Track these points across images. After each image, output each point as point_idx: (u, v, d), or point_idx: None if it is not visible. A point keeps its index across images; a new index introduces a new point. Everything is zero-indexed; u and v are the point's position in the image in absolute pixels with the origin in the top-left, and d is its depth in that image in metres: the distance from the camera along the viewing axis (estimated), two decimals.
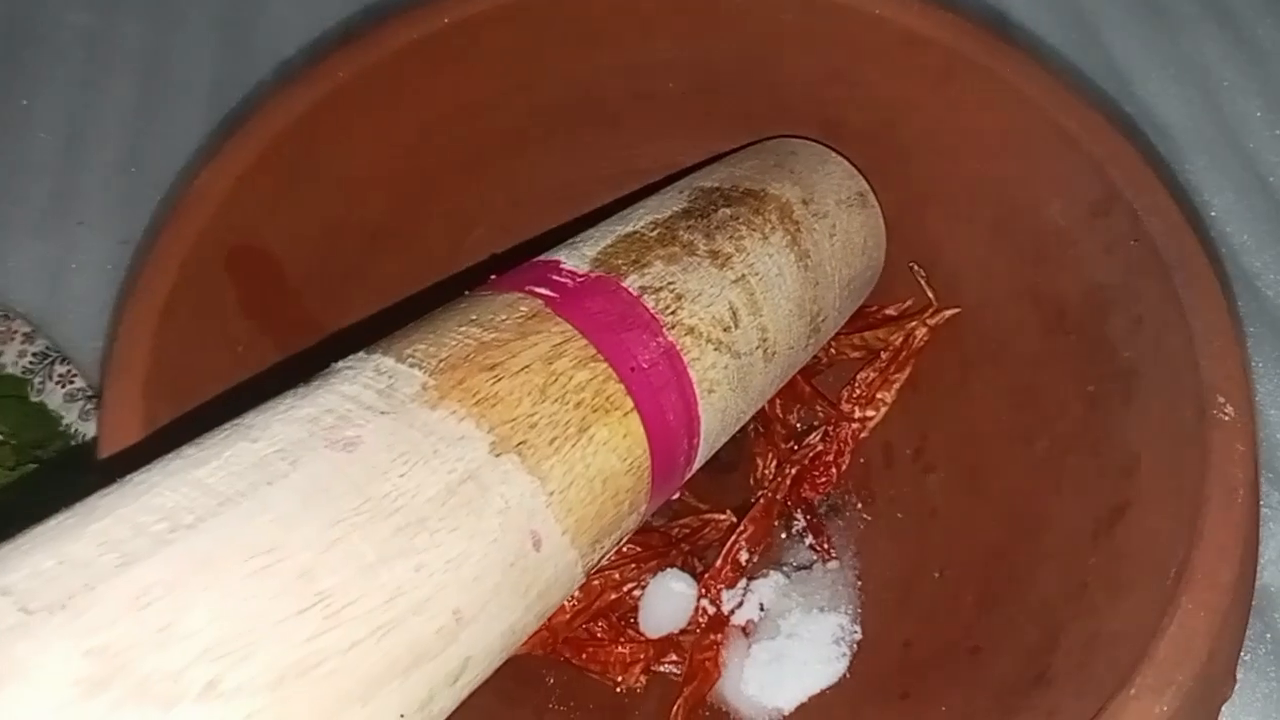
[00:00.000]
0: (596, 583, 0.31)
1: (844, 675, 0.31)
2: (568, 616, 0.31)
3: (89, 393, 0.39)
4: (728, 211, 0.29)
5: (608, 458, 0.22)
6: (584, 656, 0.31)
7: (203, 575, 0.16)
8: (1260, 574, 0.36)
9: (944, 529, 0.32)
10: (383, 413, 0.19)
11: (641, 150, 0.36)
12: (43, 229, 0.45)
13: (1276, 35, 0.48)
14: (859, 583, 0.33)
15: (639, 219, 0.28)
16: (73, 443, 0.38)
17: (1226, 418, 0.24)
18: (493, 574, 0.19)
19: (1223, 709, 0.23)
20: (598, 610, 0.32)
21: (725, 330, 0.26)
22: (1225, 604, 0.21)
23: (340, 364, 0.21)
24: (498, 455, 0.20)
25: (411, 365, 0.21)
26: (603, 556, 0.24)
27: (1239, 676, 0.24)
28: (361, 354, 0.21)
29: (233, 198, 0.29)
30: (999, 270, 0.32)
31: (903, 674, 0.30)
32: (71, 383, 0.39)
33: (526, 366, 0.22)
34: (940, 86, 0.32)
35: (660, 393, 0.24)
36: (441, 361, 0.21)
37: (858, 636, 0.32)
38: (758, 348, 0.27)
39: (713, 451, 0.28)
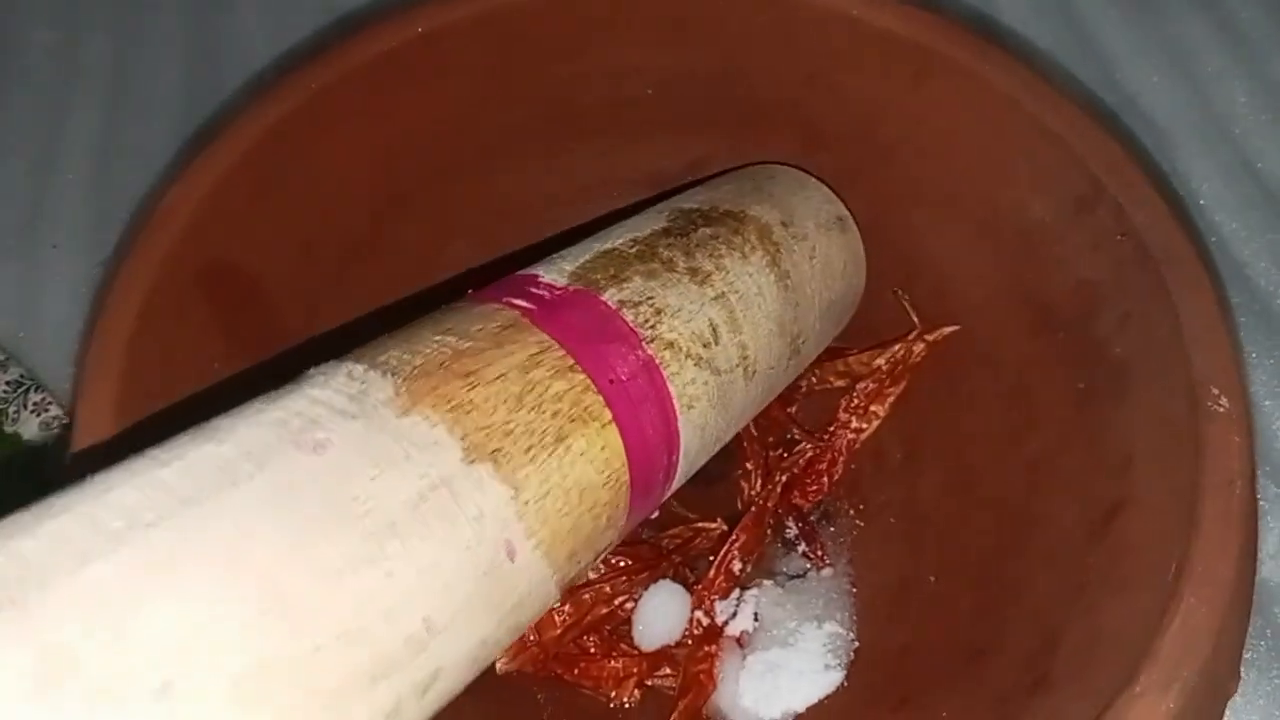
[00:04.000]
0: (587, 596, 0.31)
1: (841, 684, 0.30)
2: (558, 632, 0.30)
3: (65, 421, 0.38)
4: (707, 231, 0.29)
5: (585, 469, 0.22)
6: (576, 672, 0.31)
7: (160, 576, 0.15)
8: (1259, 569, 0.36)
9: (938, 533, 0.32)
10: (353, 417, 0.19)
11: (621, 158, 0.36)
12: (14, 253, 0.44)
13: (1262, 20, 0.48)
14: (853, 590, 0.33)
15: (618, 237, 0.28)
16: None
17: (1221, 410, 0.23)
18: (465, 583, 0.19)
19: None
20: (589, 624, 0.31)
21: (705, 346, 0.26)
22: (1227, 598, 0.21)
23: (313, 370, 0.20)
24: (471, 463, 0.19)
25: (384, 372, 0.20)
26: (580, 572, 0.23)
27: (1241, 675, 0.24)
28: (334, 361, 0.21)
29: (203, 213, 0.28)
30: (985, 270, 0.32)
31: (900, 681, 0.29)
32: (46, 410, 0.39)
33: (502, 375, 0.21)
34: (918, 87, 0.31)
35: (639, 406, 0.24)
36: (415, 369, 0.20)
37: (854, 644, 0.31)
38: (738, 365, 0.27)
39: (693, 470, 0.27)
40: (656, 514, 0.33)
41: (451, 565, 0.18)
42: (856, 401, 0.34)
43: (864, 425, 0.34)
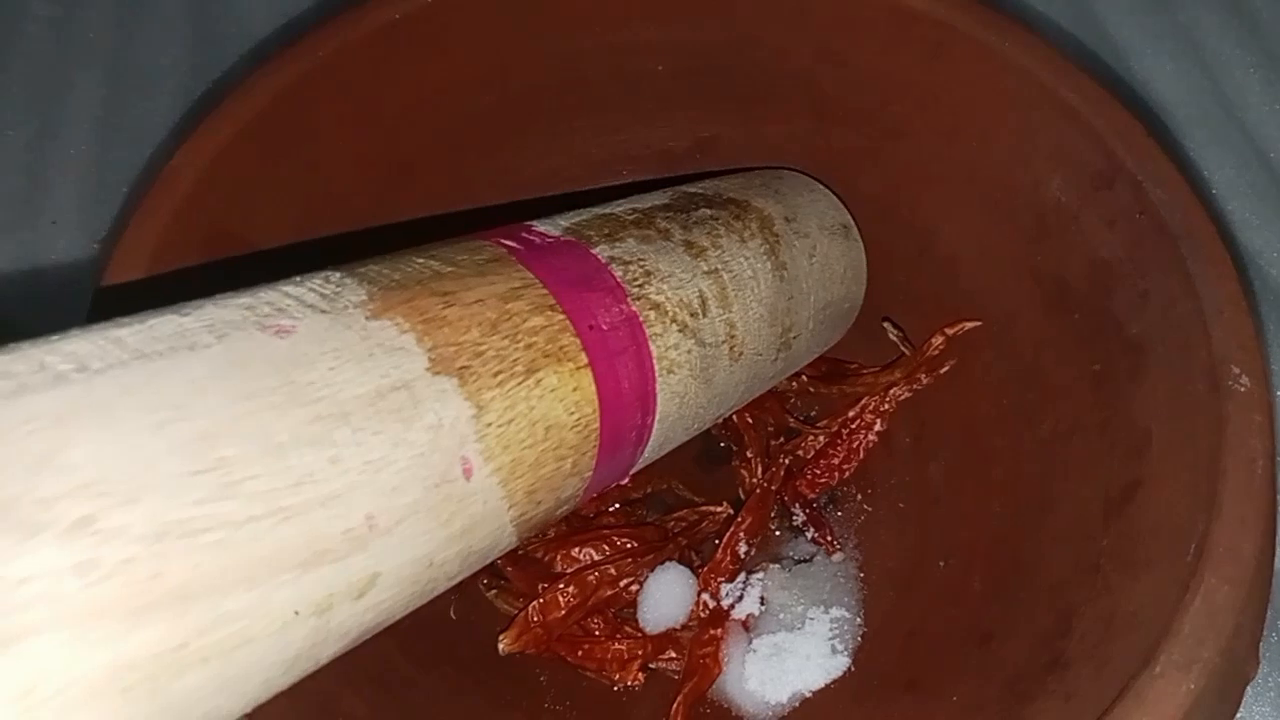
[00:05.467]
0: (592, 578, 0.30)
1: (848, 668, 0.30)
2: (563, 613, 0.30)
3: None
4: (708, 212, 0.29)
5: (553, 405, 0.21)
6: (580, 654, 0.30)
7: (97, 416, 0.15)
8: None
9: (948, 516, 0.31)
10: (322, 312, 0.18)
11: (629, 135, 0.36)
12: (13, 229, 0.44)
13: (1275, 7, 0.48)
14: (861, 574, 0.32)
15: (618, 205, 0.28)
16: None
17: (1242, 389, 0.23)
18: (414, 489, 0.18)
19: None
20: (594, 606, 0.30)
21: (692, 316, 0.26)
22: (1249, 578, 0.20)
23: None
24: (436, 374, 0.19)
25: (361, 280, 0.20)
26: (541, 518, 0.22)
27: (1260, 658, 0.23)
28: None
29: (209, 179, 0.28)
30: (999, 250, 0.31)
31: (909, 665, 0.29)
32: None
33: (480, 300, 0.21)
34: (933, 62, 0.31)
35: (617, 357, 0.23)
36: (393, 281, 0.20)
37: (861, 629, 0.31)
38: (724, 342, 0.27)
39: (670, 445, 0.27)
40: (626, 482, 0.31)
41: (401, 467, 0.18)
42: (887, 406, 0.34)
43: (885, 428, 0.34)
